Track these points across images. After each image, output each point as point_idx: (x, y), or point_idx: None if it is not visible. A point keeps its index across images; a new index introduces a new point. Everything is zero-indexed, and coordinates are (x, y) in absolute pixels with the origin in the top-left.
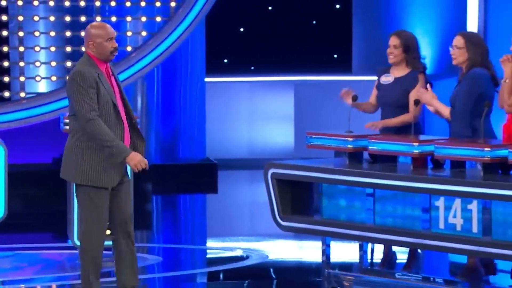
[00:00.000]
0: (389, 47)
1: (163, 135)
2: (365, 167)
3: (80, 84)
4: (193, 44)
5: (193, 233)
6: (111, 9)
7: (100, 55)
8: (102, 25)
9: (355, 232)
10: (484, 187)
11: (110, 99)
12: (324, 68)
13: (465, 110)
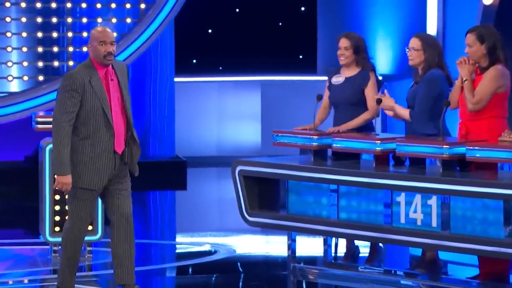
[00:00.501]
0: (340, 49)
1: None
2: (329, 164)
3: (64, 85)
4: (162, 45)
5: (163, 229)
6: (82, 11)
7: (96, 58)
8: (101, 28)
9: (319, 227)
10: (443, 183)
11: (100, 104)
12: (290, 68)
13: (425, 110)
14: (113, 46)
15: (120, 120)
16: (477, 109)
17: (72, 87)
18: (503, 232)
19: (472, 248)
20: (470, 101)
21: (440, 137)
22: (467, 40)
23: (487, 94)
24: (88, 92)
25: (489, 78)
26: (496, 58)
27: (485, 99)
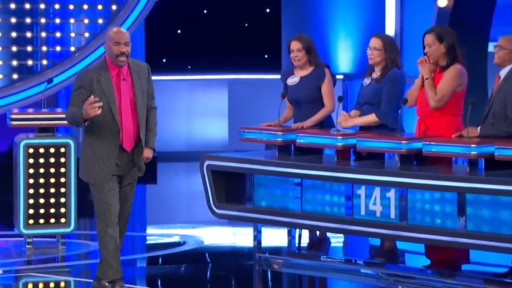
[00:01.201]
0: (293, 51)
1: None
2: (293, 158)
3: (74, 84)
4: (133, 45)
5: (134, 221)
6: (55, 12)
7: (110, 57)
8: (116, 29)
9: (284, 219)
10: (401, 176)
11: (107, 102)
12: (256, 67)
13: (390, 107)
14: (127, 47)
15: (130, 119)
16: (439, 106)
17: (80, 85)
18: (457, 223)
19: (428, 238)
20: (432, 98)
21: (398, 133)
22: (426, 40)
23: (448, 92)
24: (96, 90)
25: (450, 76)
26: (454, 57)
27: (447, 97)
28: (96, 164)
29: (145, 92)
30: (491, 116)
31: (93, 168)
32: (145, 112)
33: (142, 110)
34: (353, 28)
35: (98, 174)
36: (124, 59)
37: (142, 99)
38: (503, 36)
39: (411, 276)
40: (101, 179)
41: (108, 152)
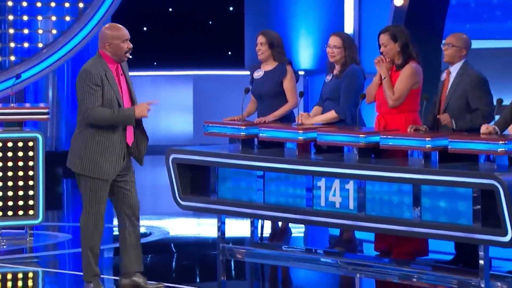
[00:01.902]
0: (257, 45)
1: (73, 123)
2: (256, 152)
3: (86, 82)
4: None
5: None
6: (23, 9)
7: (115, 55)
8: (118, 27)
9: (247, 210)
10: (359, 169)
11: (115, 97)
12: (220, 64)
13: (350, 102)
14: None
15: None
16: (397, 105)
17: (92, 82)
18: (412, 213)
19: (385, 228)
20: (390, 98)
21: (357, 127)
22: (381, 40)
23: (405, 91)
24: (106, 86)
25: (406, 75)
26: (409, 55)
27: (404, 95)
28: (105, 160)
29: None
30: (449, 113)
31: (102, 164)
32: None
33: (136, 103)
34: (314, 26)
35: (108, 170)
36: (129, 54)
37: (134, 93)
38: (452, 34)
39: (369, 264)
40: (110, 175)
41: (117, 147)
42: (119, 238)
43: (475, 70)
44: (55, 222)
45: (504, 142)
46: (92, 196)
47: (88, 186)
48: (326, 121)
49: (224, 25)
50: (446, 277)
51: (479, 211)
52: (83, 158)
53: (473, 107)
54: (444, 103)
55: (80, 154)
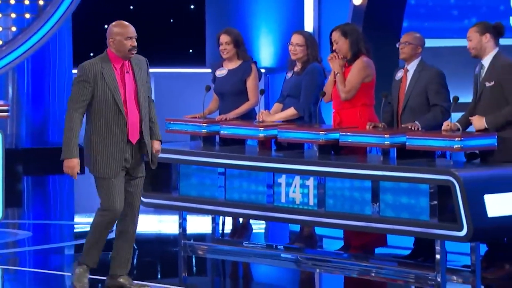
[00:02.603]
0: (222, 44)
1: (34, 121)
2: (217, 149)
3: (76, 76)
4: (60, 39)
5: (62, 210)
6: None
7: (119, 52)
8: (124, 24)
9: (208, 207)
10: (319, 165)
11: (111, 95)
12: (181, 62)
13: (310, 100)
14: (135, 41)
15: (135, 111)
16: (349, 98)
17: (83, 78)
18: (371, 209)
19: (345, 224)
20: (342, 90)
21: (316, 124)
22: (333, 37)
23: (356, 83)
24: (100, 83)
25: (357, 69)
26: (359, 51)
27: (355, 88)
28: (105, 158)
29: (145, 84)
30: (409, 111)
31: (103, 162)
32: (147, 104)
33: (144, 102)
34: (274, 25)
35: (109, 168)
36: (135, 52)
37: (144, 91)
38: (408, 33)
39: (329, 259)
40: (112, 173)
41: (117, 145)
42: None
43: (433, 66)
44: (15, 220)
45: (460, 139)
46: (107, 197)
47: (102, 187)
48: (286, 118)
49: (185, 23)
50: (404, 272)
51: (436, 207)
52: (91, 158)
53: (432, 103)
54: (403, 101)
55: (87, 153)
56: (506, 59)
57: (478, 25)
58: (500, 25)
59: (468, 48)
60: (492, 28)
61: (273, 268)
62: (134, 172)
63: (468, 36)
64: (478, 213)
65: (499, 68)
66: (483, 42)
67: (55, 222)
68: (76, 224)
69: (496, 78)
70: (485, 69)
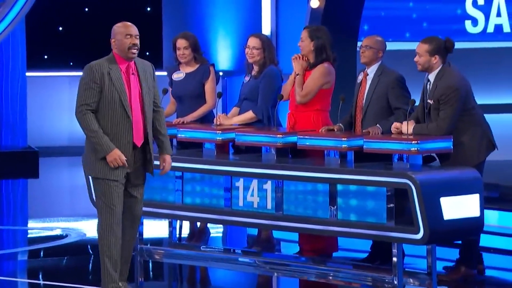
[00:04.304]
0: (179, 49)
1: None
2: (175, 152)
3: (83, 77)
4: (14, 42)
5: (15, 215)
6: None
7: (120, 52)
8: (124, 23)
9: (165, 211)
10: (277, 169)
11: (118, 96)
12: None
13: (268, 103)
14: (137, 40)
15: (139, 114)
16: (304, 102)
17: (90, 78)
18: (328, 212)
19: (302, 227)
20: (298, 94)
21: (274, 127)
22: (301, 34)
23: (314, 89)
24: (107, 84)
25: (317, 74)
26: (323, 58)
27: (312, 93)
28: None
29: (151, 89)
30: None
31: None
32: (151, 108)
33: (149, 105)
34: (232, 27)
35: (113, 170)
36: (136, 51)
37: (148, 96)
38: (368, 36)
39: (286, 263)
40: (115, 175)
41: (123, 147)
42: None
43: (393, 70)
44: None
45: (416, 141)
46: (105, 198)
47: (100, 189)
48: (244, 121)
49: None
50: (361, 275)
51: (392, 210)
52: (92, 160)
53: (393, 106)
54: (363, 105)
55: (89, 156)
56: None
57: (430, 44)
58: (451, 44)
59: (415, 61)
60: (443, 49)
61: (231, 272)
62: (135, 178)
63: (417, 51)
64: (435, 216)
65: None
66: (432, 63)
67: (8, 227)
68: (29, 229)
69: (435, 98)
70: (430, 84)
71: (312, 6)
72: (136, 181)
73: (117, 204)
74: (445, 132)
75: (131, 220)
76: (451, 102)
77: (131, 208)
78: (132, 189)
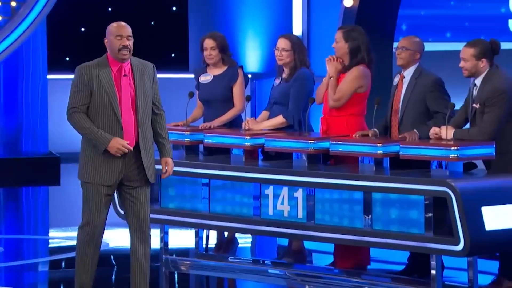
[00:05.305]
0: (206, 49)
1: (6, 130)
2: (201, 159)
3: (74, 80)
4: (35, 43)
5: (36, 224)
6: None
7: (112, 53)
8: (118, 23)
9: (191, 220)
10: (308, 176)
11: (108, 99)
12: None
13: (299, 107)
14: (129, 41)
15: (130, 117)
16: (337, 106)
17: (79, 81)
18: (362, 222)
19: (335, 238)
20: (331, 97)
21: (306, 132)
22: (336, 35)
23: (348, 93)
24: (96, 87)
25: (351, 77)
26: (358, 60)
27: (345, 97)
28: (99, 165)
29: (149, 92)
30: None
31: (97, 169)
32: (147, 112)
33: (143, 109)
34: (261, 27)
35: (102, 175)
36: (126, 52)
37: (144, 97)
38: (405, 37)
39: (319, 275)
40: (104, 180)
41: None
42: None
43: (431, 72)
44: None
45: (456, 148)
46: (91, 204)
47: (86, 194)
48: (273, 126)
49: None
50: None
51: (431, 220)
52: (82, 164)
53: (432, 110)
54: (399, 109)
55: (80, 160)
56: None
57: (475, 48)
58: (497, 45)
59: (461, 67)
60: (489, 52)
61: (260, 284)
62: (130, 181)
63: (462, 56)
64: (476, 226)
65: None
66: (479, 67)
67: (29, 237)
68: (51, 239)
69: (481, 101)
70: (477, 89)
71: (345, 5)
72: (135, 183)
73: (103, 212)
74: (489, 137)
75: (139, 226)
76: (497, 105)
77: (135, 211)
78: (132, 190)
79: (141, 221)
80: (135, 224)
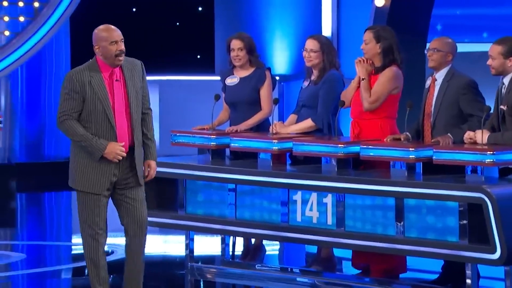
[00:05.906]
0: (233, 50)
1: (28, 133)
2: (227, 163)
3: (64, 87)
4: (58, 44)
5: (59, 230)
6: None
7: (106, 59)
8: (107, 28)
9: (217, 226)
10: (338, 181)
11: (101, 106)
12: (188, 68)
13: (329, 111)
14: (123, 44)
15: (124, 122)
16: (373, 108)
17: (70, 88)
18: (394, 229)
19: (366, 245)
20: (367, 100)
21: (335, 137)
22: (365, 36)
23: (384, 94)
24: (89, 94)
25: (386, 78)
26: (390, 60)
27: (381, 99)
28: (93, 172)
29: (139, 91)
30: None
31: (90, 176)
32: (139, 113)
33: (136, 111)
34: (290, 28)
35: (95, 182)
36: (122, 57)
37: (136, 99)
38: (437, 38)
39: (349, 284)
40: (100, 188)
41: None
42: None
43: (464, 74)
44: (7, 241)
45: (492, 152)
46: (89, 210)
47: (81, 201)
48: (302, 130)
49: (192, 26)
50: None
51: (466, 227)
52: (74, 171)
53: (466, 113)
54: (431, 112)
55: (71, 167)
56: None
57: (504, 45)
58: None
59: (489, 65)
60: None
61: None
62: (124, 183)
63: (490, 54)
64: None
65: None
66: (507, 65)
67: (51, 243)
68: (73, 245)
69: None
70: (504, 88)
71: (377, 5)
72: (129, 185)
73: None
74: None
75: (136, 227)
76: None
77: (131, 212)
78: (127, 191)
79: (140, 223)
80: (132, 227)
